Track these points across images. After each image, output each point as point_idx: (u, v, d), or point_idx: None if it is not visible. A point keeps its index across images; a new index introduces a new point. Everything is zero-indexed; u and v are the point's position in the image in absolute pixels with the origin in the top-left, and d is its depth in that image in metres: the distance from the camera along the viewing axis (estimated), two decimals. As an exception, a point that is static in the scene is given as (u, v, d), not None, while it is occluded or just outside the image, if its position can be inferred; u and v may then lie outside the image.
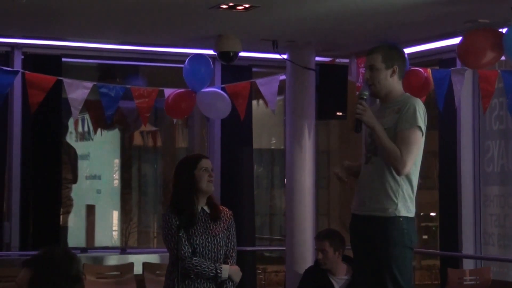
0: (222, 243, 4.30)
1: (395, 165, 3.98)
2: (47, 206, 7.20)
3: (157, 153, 11.17)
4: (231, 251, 4.35)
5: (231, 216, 4.41)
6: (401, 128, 4.01)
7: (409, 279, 4.06)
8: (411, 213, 4.09)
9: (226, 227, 4.34)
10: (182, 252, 4.22)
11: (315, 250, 5.75)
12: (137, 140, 10.95)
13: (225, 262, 4.31)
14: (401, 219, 4.01)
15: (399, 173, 4.00)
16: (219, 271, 4.22)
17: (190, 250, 4.24)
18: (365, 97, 4.05)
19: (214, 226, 4.30)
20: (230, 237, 4.35)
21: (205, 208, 4.33)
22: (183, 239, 4.23)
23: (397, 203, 4.02)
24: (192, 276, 4.22)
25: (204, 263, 4.22)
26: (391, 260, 3.98)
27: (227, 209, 4.43)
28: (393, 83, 4.09)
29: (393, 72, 4.08)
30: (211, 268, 4.22)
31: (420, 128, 4.04)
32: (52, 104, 6.99)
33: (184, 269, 4.22)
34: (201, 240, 4.25)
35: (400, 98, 4.11)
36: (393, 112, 4.06)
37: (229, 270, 4.27)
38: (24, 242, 7.00)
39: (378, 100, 4.29)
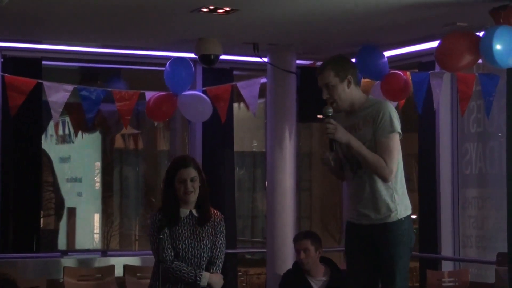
0: (207, 249, 4.25)
1: (382, 174, 4.03)
2: (27, 209, 7.18)
3: (138, 156, 11.16)
4: (216, 257, 4.27)
5: (221, 221, 4.33)
6: (380, 137, 4.04)
7: (406, 279, 4.13)
8: (409, 209, 4.16)
9: (213, 232, 4.28)
10: (164, 255, 4.21)
11: (296, 250, 5.78)
12: (119, 143, 10.93)
13: (208, 269, 4.25)
14: (402, 219, 4.09)
15: (386, 181, 4.06)
16: (198, 278, 4.17)
17: (173, 254, 4.23)
18: (330, 114, 4.08)
19: (201, 231, 4.26)
20: (216, 243, 4.28)
21: (194, 211, 4.29)
22: (166, 242, 4.22)
23: (396, 207, 4.09)
24: (172, 279, 4.22)
25: (185, 268, 4.20)
26: (393, 261, 4.05)
27: (218, 213, 4.36)
28: (352, 92, 4.11)
29: (349, 82, 4.10)
30: (191, 274, 4.18)
31: (398, 132, 4.09)
32: (32, 107, 6.98)
33: (164, 272, 4.22)
34: (184, 245, 4.23)
35: (367, 104, 4.13)
36: (367, 122, 4.08)
37: (210, 278, 4.21)
38: (4, 245, 6.97)
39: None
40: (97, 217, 11.00)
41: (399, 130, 4.09)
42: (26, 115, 6.92)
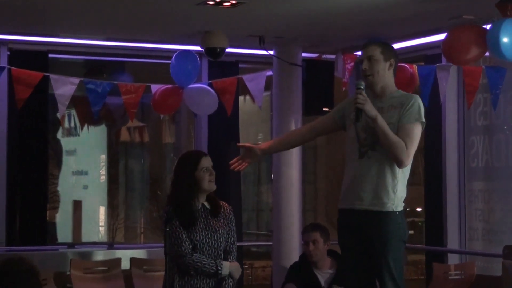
0: (222, 239, 4.26)
1: (400, 156, 4.01)
2: (34, 201, 7.20)
3: (144, 149, 11.18)
4: (231, 247, 4.29)
5: (231, 212, 4.37)
6: (406, 121, 4.05)
7: (401, 272, 4.13)
8: (403, 206, 4.16)
9: (226, 222, 4.30)
10: (182, 248, 4.22)
11: (304, 242, 5.79)
12: (124, 135, 10.95)
13: (225, 258, 4.26)
14: (397, 213, 4.08)
15: (402, 165, 4.05)
16: (219, 268, 4.18)
17: (191, 247, 4.24)
18: (362, 87, 4.07)
19: (215, 222, 4.27)
20: (230, 233, 4.30)
21: (205, 204, 4.30)
22: (182, 235, 4.23)
23: (394, 198, 4.08)
24: (192, 272, 4.23)
25: (205, 259, 4.21)
26: (387, 254, 4.04)
27: (227, 205, 4.38)
28: (389, 77, 4.13)
29: (390, 65, 4.13)
30: (212, 264, 4.19)
31: (423, 123, 4.10)
32: (39, 100, 6.98)
33: (184, 265, 4.22)
34: (201, 236, 4.24)
35: (396, 94, 4.15)
36: (393, 107, 4.09)
37: (230, 267, 4.22)
38: (11, 238, 6.99)
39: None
40: (102, 210, 11.04)
41: (423, 120, 4.10)
42: (32, 108, 6.93)
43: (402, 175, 4.10)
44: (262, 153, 4.54)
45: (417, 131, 4.07)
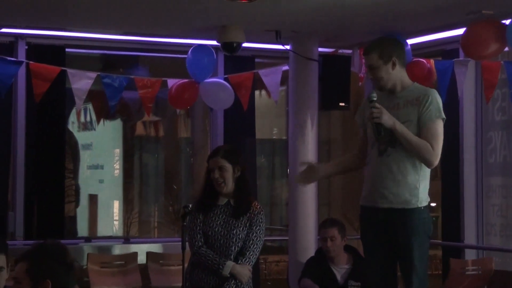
0: (236, 239, 4.19)
1: (428, 159, 4.01)
2: (51, 195, 7.22)
3: (159, 143, 11.20)
4: (247, 249, 4.19)
5: (259, 214, 4.24)
6: (428, 121, 4.03)
7: (426, 267, 4.12)
8: (428, 201, 4.15)
9: (249, 224, 4.21)
10: (193, 239, 4.23)
11: (321, 238, 5.79)
12: (140, 130, 10.97)
13: (236, 259, 4.19)
14: (422, 208, 4.07)
15: (431, 165, 4.05)
16: (221, 267, 4.13)
17: (203, 240, 4.24)
18: (374, 99, 4.07)
19: (234, 221, 4.21)
20: (250, 235, 4.21)
21: (232, 201, 4.26)
22: (197, 227, 4.23)
23: (418, 194, 4.07)
24: (199, 265, 4.24)
25: (210, 255, 4.18)
26: (412, 249, 4.04)
27: (258, 206, 4.28)
28: (397, 74, 4.12)
29: (393, 64, 4.11)
30: (215, 262, 4.15)
31: (444, 119, 4.09)
32: (56, 94, 7.00)
33: (193, 256, 4.24)
34: (214, 232, 4.21)
35: (411, 88, 4.14)
36: (410, 103, 4.08)
37: (233, 268, 4.14)
38: (29, 231, 7.02)
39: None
40: (117, 204, 11.07)
41: (444, 116, 4.09)
42: (50, 102, 6.95)
43: (424, 169, 4.09)
44: (321, 174, 4.39)
45: (440, 128, 4.06)
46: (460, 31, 6.11)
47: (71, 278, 2.69)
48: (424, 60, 6.76)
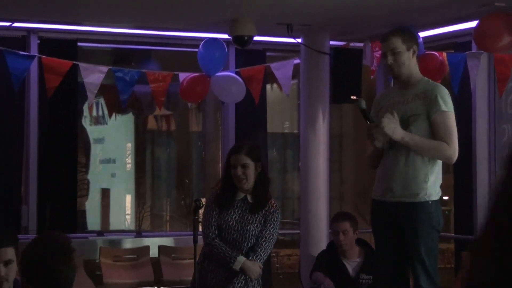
0: (250, 236, 4.20)
1: (448, 157, 4.01)
2: (63, 190, 7.24)
3: (170, 137, 11.21)
4: (259, 246, 4.19)
5: (275, 212, 4.26)
6: (438, 115, 4.02)
7: (435, 261, 4.11)
8: (439, 194, 4.13)
9: (263, 221, 4.23)
10: (207, 230, 4.24)
11: (334, 232, 5.78)
12: (151, 124, 10.98)
13: (247, 255, 4.21)
14: (430, 202, 4.05)
15: (451, 161, 4.06)
16: (232, 260, 4.14)
17: (216, 232, 4.25)
18: (363, 107, 4.07)
19: (250, 217, 4.23)
20: (263, 233, 4.22)
21: (249, 197, 4.27)
22: (212, 219, 4.24)
23: (427, 188, 4.05)
24: (211, 256, 4.25)
25: (223, 247, 4.20)
26: (419, 243, 4.03)
27: (275, 204, 4.30)
28: (414, 65, 4.13)
29: (413, 52, 4.13)
30: (227, 255, 4.16)
31: (452, 111, 4.08)
32: (68, 88, 7.01)
33: (206, 248, 4.25)
34: (228, 226, 4.23)
35: (420, 82, 4.14)
36: (417, 97, 4.07)
37: (244, 264, 4.15)
38: (42, 225, 7.04)
39: (392, 85, 4.31)
40: (129, 198, 11.09)
41: (452, 111, 4.08)
42: (62, 96, 6.96)
43: (434, 163, 4.08)
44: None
45: (451, 121, 4.06)
46: (473, 24, 6.07)
47: (70, 268, 2.70)
48: (436, 53, 6.73)
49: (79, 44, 7.35)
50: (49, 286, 2.67)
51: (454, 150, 4.03)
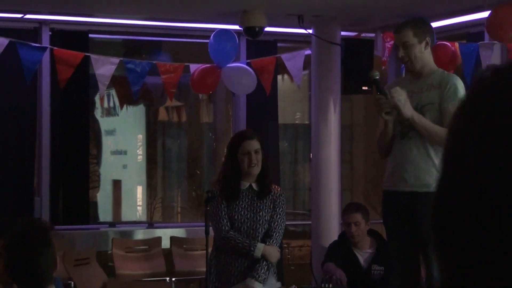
0: (263, 221, 4.25)
1: None
2: (76, 181, 7.27)
3: (181, 129, 11.22)
4: (273, 230, 4.26)
5: (281, 196, 4.34)
6: (451, 105, 4.00)
7: None
8: None
9: (272, 206, 4.28)
10: (219, 224, 4.24)
11: (345, 223, 5.78)
12: (162, 115, 10.99)
13: (264, 241, 4.24)
14: None
15: None
16: (252, 248, 4.18)
17: (229, 224, 4.26)
18: (377, 77, 4.06)
19: (259, 204, 4.27)
20: (274, 217, 4.28)
21: (254, 185, 4.30)
22: (222, 212, 4.25)
23: None
24: (227, 249, 4.25)
25: (239, 238, 4.22)
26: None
27: (278, 189, 4.37)
28: (427, 56, 4.11)
29: (426, 44, 4.10)
30: (246, 244, 4.19)
31: None
32: (80, 80, 7.02)
33: (220, 242, 4.25)
34: (240, 216, 4.25)
35: (435, 73, 4.12)
36: (432, 87, 4.06)
37: (264, 250, 4.20)
38: (54, 217, 7.07)
39: (403, 73, 4.30)
40: (140, 190, 11.12)
41: None
42: (74, 88, 6.97)
43: None
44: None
45: None
46: (486, 14, 6.03)
47: (50, 257, 2.70)
48: (448, 43, 6.70)
49: (90, 35, 7.36)
50: (28, 277, 2.67)
51: None
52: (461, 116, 0.73)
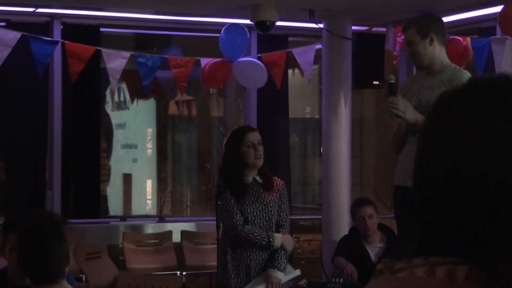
0: (274, 212, 4.30)
1: None
2: (87, 175, 7.29)
3: (191, 122, 11.22)
4: (283, 220, 4.34)
5: (284, 186, 4.41)
6: None
7: None
8: None
9: (278, 196, 4.34)
10: (233, 220, 4.25)
11: (359, 217, 5.78)
12: (172, 109, 10.99)
13: (277, 231, 4.30)
14: None
15: None
16: (271, 240, 4.22)
17: (242, 219, 4.27)
18: (392, 81, 4.06)
19: (266, 195, 4.31)
20: (282, 207, 4.35)
21: (257, 178, 4.34)
22: (233, 208, 4.26)
23: None
24: (244, 244, 4.25)
25: (256, 231, 4.24)
26: None
27: (279, 180, 4.43)
28: (435, 51, 4.08)
29: (431, 40, 4.07)
30: (264, 236, 4.23)
31: None
32: (91, 73, 7.03)
33: (236, 237, 4.25)
34: (252, 209, 4.28)
35: (448, 69, 4.11)
36: (443, 84, 4.05)
37: (282, 239, 4.26)
38: (66, 210, 7.09)
39: (415, 70, 4.30)
40: (149, 183, 11.13)
41: None
42: (85, 82, 6.98)
43: None
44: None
45: None
46: (498, 8, 6.01)
47: (63, 251, 2.70)
48: (460, 38, 6.67)
49: (101, 29, 7.36)
50: (38, 270, 2.68)
51: None
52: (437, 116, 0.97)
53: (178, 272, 6.92)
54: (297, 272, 4.51)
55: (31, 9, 6.91)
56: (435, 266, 0.94)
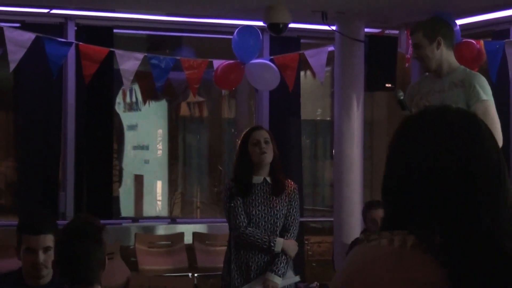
0: (280, 215, 4.27)
1: None
2: (100, 176, 7.30)
3: (202, 124, 11.23)
4: (290, 225, 4.30)
5: (295, 190, 4.38)
6: (476, 103, 3.98)
7: None
8: None
9: (287, 200, 4.31)
10: (237, 221, 4.25)
11: (371, 220, 5.77)
12: (184, 110, 10.99)
13: (282, 235, 4.27)
14: None
15: None
16: (272, 244, 4.20)
17: (246, 220, 4.26)
18: (401, 98, 4.07)
19: (274, 198, 4.29)
20: (291, 211, 4.31)
21: (268, 179, 4.33)
22: (239, 209, 4.26)
23: None
24: (246, 246, 4.25)
25: (258, 234, 4.23)
26: None
27: (292, 183, 4.40)
28: (442, 54, 4.08)
29: (438, 44, 4.07)
30: (265, 240, 4.21)
31: (493, 100, 4.04)
32: (104, 75, 7.04)
33: (238, 238, 4.25)
34: (258, 211, 4.26)
35: (458, 71, 4.10)
36: (454, 85, 4.04)
37: (284, 244, 4.23)
38: (79, 211, 7.10)
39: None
40: (159, 184, 11.13)
41: (492, 99, 4.04)
42: (99, 83, 7.00)
43: None
44: None
45: (493, 110, 4.02)
46: (511, 12, 5.99)
47: (100, 256, 2.71)
48: (473, 41, 6.65)
49: (115, 31, 7.38)
50: (78, 276, 2.68)
51: (498, 139, 4.00)
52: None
53: (190, 274, 6.93)
54: (297, 278, 4.47)
55: (46, 10, 6.93)
56: (394, 237, 1.31)
